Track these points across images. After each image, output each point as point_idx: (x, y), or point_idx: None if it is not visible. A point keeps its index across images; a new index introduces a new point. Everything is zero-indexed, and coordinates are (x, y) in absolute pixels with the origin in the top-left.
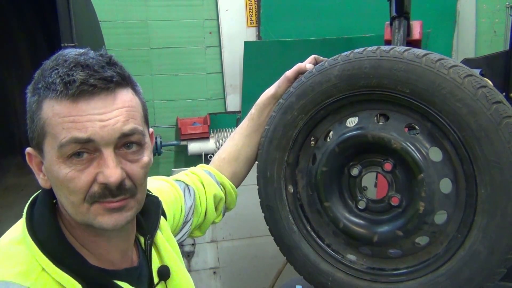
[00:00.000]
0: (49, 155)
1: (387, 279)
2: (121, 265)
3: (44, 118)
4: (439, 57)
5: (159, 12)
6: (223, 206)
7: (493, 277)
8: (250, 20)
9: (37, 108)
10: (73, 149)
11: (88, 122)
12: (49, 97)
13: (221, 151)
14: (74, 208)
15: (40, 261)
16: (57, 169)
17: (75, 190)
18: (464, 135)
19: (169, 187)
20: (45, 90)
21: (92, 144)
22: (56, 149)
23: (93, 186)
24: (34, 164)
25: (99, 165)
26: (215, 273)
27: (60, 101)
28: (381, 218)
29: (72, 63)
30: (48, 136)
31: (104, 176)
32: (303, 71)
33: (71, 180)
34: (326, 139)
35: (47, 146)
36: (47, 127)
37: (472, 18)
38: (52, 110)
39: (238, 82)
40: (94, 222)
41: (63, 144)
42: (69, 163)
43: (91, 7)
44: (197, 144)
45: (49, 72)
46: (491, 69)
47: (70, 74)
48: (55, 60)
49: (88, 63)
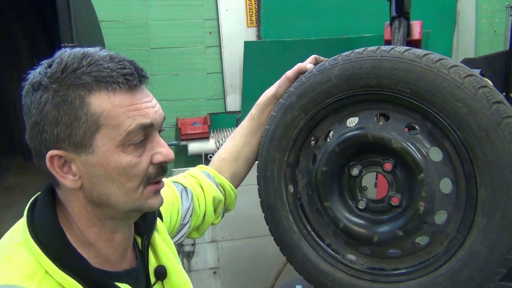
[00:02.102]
0: (104, 147)
1: (387, 279)
2: (121, 266)
3: (100, 111)
4: (439, 57)
5: (159, 12)
6: (222, 207)
7: (493, 277)
8: (250, 20)
9: (82, 104)
10: (138, 135)
11: (146, 109)
12: (105, 90)
13: (221, 151)
14: (129, 195)
15: (43, 263)
16: (117, 158)
17: (137, 174)
18: (464, 135)
19: (167, 189)
20: (98, 84)
21: (150, 129)
22: (119, 139)
23: (149, 168)
24: (56, 168)
25: (152, 147)
26: (215, 273)
27: (120, 93)
28: (381, 218)
29: (111, 58)
30: (105, 128)
31: (163, 155)
32: (304, 71)
33: (134, 165)
34: (327, 139)
35: (100, 140)
36: (105, 119)
37: (472, 18)
38: (111, 102)
39: (238, 82)
40: (145, 204)
41: (131, 131)
42: (129, 150)
43: (91, 7)
44: (197, 144)
45: (93, 67)
46: (491, 69)
47: (123, 67)
48: (86, 56)
49: (124, 58)
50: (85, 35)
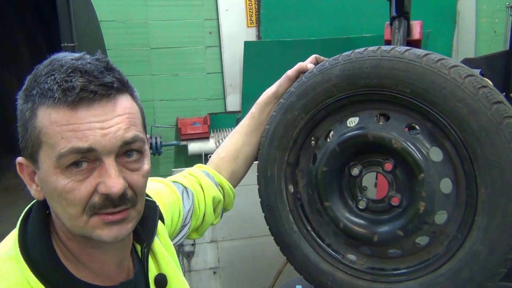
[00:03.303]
0: (45, 165)
1: (387, 279)
2: (117, 279)
3: (40, 127)
4: (439, 57)
5: (159, 12)
6: (221, 208)
7: (493, 277)
8: (250, 20)
9: (31, 116)
10: (72, 159)
11: (88, 130)
12: (45, 104)
13: (220, 149)
14: (72, 221)
15: (31, 282)
16: (55, 180)
17: (74, 201)
18: (464, 135)
19: (167, 189)
20: (41, 97)
21: (93, 154)
22: (54, 160)
23: (93, 197)
24: (25, 174)
25: (100, 174)
26: (215, 273)
27: (58, 108)
28: (381, 218)
29: (69, 68)
30: (45, 146)
31: (106, 187)
32: (304, 70)
33: (70, 191)
34: (327, 139)
35: (42, 156)
36: (43, 137)
37: (472, 18)
38: (49, 118)
39: (238, 82)
40: (93, 235)
41: (62, 154)
42: (68, 173)
43: (91, 7)
44: (197, 144)
45: (44, 78)
46: (491, 69)
47: (69, 80)
48: (50, 65)
49: (87, 69)
50: (85, 35)
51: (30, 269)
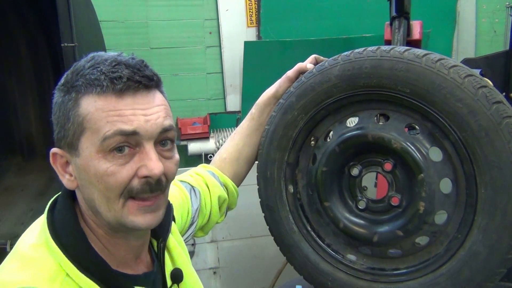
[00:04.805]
0: (86, 151)
1: (387, 279)
2: (138, 269)
3: (84, 114)
4: (439, 57)
5: (159, 12)
6: (226, 206)
7: (493, 277)
8: (250, 20)
9: (74, 106)
10: (117, 141)
11: (133, 116)
12: (92, 93)
13: (222, 151)
14: (108, 205)
15: (64, 266)
16: (97, 164)
17: (115, 185)
18: (464, 135)
19: (177, 190)
20: (87, 86)
21: (136, 138)
22: (98, 144)
23: (132, 181)
24: (58, 165)
25: (141, 159)
26: (215, 273)
27: (105, 96)
28: (381, 218)
29: (114, 62)
30: (88, 132)
31: (148, 169)
32: (304, 70)
33: (111, 174)
34: (326, 139)
35: (84, 143)
36: (87, 123)
37: (472, 18)
38: (95, 105)
39: (238, 82)
40: (127, 221)
41: (108, 136)
42: (110, 157)
43: (91, 7)
44: (197, 144)
45: (90, 70)
46: (491, 69)
47: (115, 71)
48: (92, 60)
49: (130, 63)
50: (85, 35)
51: (62, 252)
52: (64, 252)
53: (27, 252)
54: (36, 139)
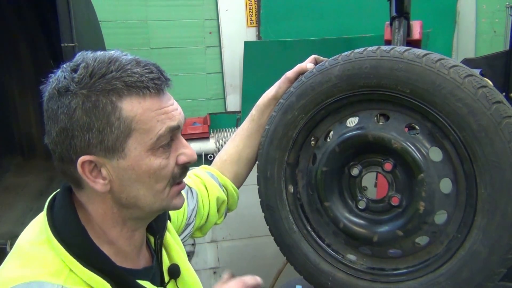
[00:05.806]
0: (135, 151)
1: (387, 279)
2: (140, 264)
3: (131, 116)
4: (439, 57)
5: (159, 12)
6: (225, 208)
7: (493, 277)
8: (250, 20)
9: (114, 109)
10: (167, 138)
11: (173, 111)
12: (134, 95)
13: (222, 152)
14: (157, 196)
15: (67, 262)
16: (148, 161)
17: (166, 176)
18: (464, 135)
19: None
20: (129, 89)
21: (176, 131)
22: (150, 142)
23: (175, 169)
24: (87, 172)
25: (176, 148)
26: (215, 273)
27: (149, 97)
28: (381, 218)
29: (140, 62)
30: (136, 133)
31: (188, 156)
32: (304, 71)
33: (164, 167)
34: (327, 139)
35: (132, 144)
36: (136, 124)
37: (472, 18)
38: (141, 107)
39: (238, 82)
40: (170, 205)
41: (161, 135)
42: (158, 153)
43: (91, 7)
44: (197, 144)
45: (121, 73)
46: (491, 69)
47: (149, 71)
48: (113, 62)
49: (150, 62)
50: (85, 35)
51: (65, 249)
52: (66, 248)
53: (29, 249)
54: (36, 139)
